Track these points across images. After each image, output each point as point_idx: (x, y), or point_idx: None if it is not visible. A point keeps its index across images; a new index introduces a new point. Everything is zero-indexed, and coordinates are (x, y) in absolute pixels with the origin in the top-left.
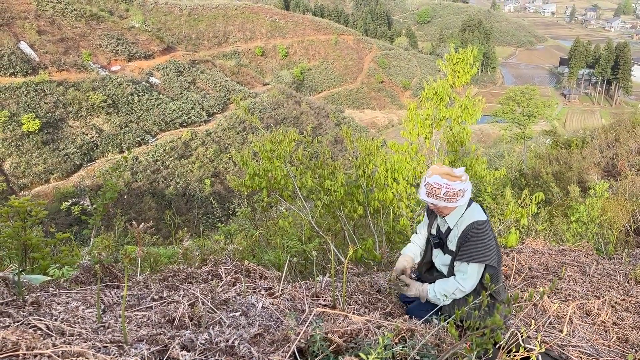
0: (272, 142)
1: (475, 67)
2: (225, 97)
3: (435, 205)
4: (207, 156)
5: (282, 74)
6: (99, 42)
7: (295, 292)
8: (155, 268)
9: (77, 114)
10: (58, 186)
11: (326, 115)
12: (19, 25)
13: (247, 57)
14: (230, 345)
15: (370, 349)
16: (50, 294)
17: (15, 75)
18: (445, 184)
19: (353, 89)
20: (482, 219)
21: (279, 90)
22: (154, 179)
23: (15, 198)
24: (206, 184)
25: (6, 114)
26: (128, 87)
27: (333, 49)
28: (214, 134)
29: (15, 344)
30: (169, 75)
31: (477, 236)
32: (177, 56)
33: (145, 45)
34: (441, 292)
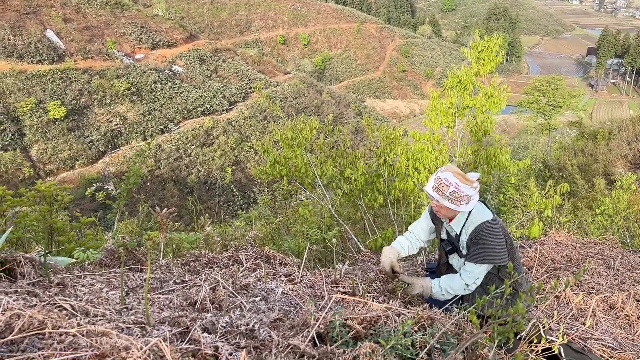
0: (293, 131)
1: (500, 55)
2: (246, 86)
3: (437, 203)
4: (228, 144)
5: (304, 63)
6: (123, 31)
7: (314, 279)
8: (177, 253)
9: (101, 101)
10: (83, 172)
11: (347, 104)
12: (46, 14)
13: (268, 46)
14: (251, 329)
15: (390, 336)
16: (75, 275)
17: (41, 63)
18: (455, 183)
19: (375, 78)
20: (488, 218)
21: (300, 79)
22: (176, 166)
23: (42, 183)
24: (227, 172)
25: (33, 101)
26: (151, 76)
27: (355, 38)
28: (235, 123)
29: (41, 323)
30: (192, 63)
31: (486, 237)
32: (199, 45)
33: (169, 34)
34: (446, 289)
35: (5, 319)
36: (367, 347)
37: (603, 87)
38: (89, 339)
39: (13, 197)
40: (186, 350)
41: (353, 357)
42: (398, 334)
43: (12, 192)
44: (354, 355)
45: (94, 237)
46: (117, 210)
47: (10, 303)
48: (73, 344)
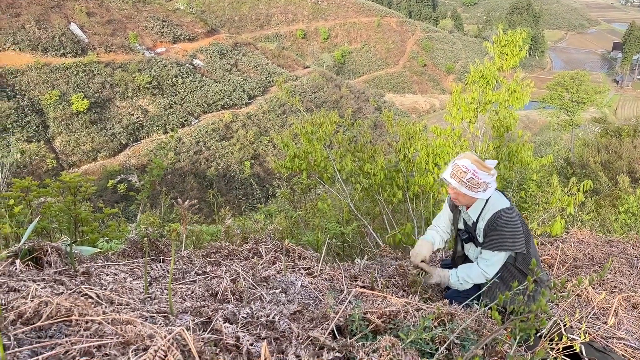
0: (312, 125)
1: (524, 50)
2: (266, 80)
3: (455, 190)
4: (247, 138)
5: (323, 57)
6: (145, 24)
7: (333, 273)
8: (198, 245)
9: (123, 94)
10: (105, 164)
11: (366, 99)
12: (70, 7)
13: (288, 40)
14: (271, 320)
15: (409, 330)
16: (99, 265)
17: (65, 56)
18: (473, 169)
19: (394, 73)
20: (505, 206)
21: (320, 73)
22: (196, 159)
23: (66, 174)
24: (246, 165)
25: (57, 94)
26: (172, 69)
27: (375, 32)
28: (254, 117)
29: (68, 310)
30: (212, 57)
31: (503, 225)
32: (220, 39)
33: (190, 28)
34: (464, 278)
35: (34, 305)
36: (387, 341)
37: (628, 83)
38: (114, 327)
39: (38, 188)
40: (208, 339)
41: (373, 351)
42: (418, 329)
43: (37, 182)
44: (373, 348)
45: (116, 228)
46: (140, 202)
47: (39, 291)
48: (99, 331)
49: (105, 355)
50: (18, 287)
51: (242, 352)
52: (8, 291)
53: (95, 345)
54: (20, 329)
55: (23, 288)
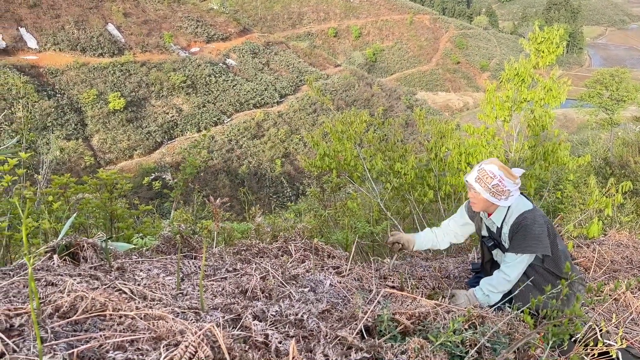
0: (343, 124)
1: (561, 47)
2: (297, 79)
3: (476, 194)
4: (278, 137)
5: (355, 55)
6: (179, 24)
7: (362, 272)
8: (229, 242)
9: (158, 93)
10: (140, 162)
11: (398, 97)
12: (107, 8)
13: (320, 39)
14: (300, 319)
15: (439, 332)
16: (133, 261)
17: (103, 56)
18: (500, 176)
19: (427, 71)
20: (528, 208)
21: (351, 71)
22: (228, 157)
23: (103, 171)
24: (277, 164)
25: (94, 93)
26: (206, 69)
27: (408, 29)
28: (285, 115)
29: (103, 305)
30: (245, 56)
31: (526, 227)
32: (252, 38)
33: (223, 27)
34: (489, 289)
35: (70, 300)
36: (416, 343)
37: None
38: (147, 322)
39: (76, 185)
40: (238, 336)
41: (401, 352)
42: (448, 331)
43: (75, 179)
44: (402, 349)
45: (151, 224)
46: (174, 199)
47: (75, 285)
48: (132, 326)
49: (137, 349)
50: (55, 281)
51: (271, 350)
52: (46, 285)
53: (128, 339)
54: (57, 322)
55: (60, 282)
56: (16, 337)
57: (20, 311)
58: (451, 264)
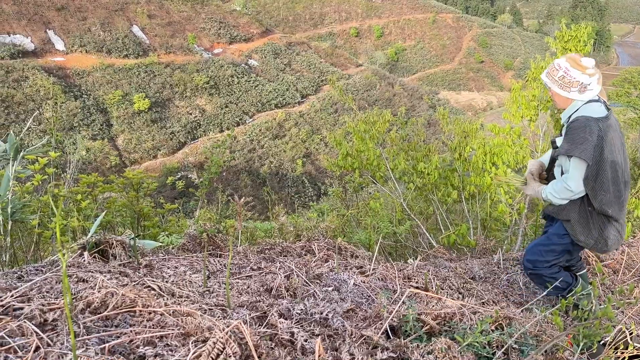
0: (366, 123)
1: (589, 45)
2: (318, 79)
3: (549, 89)
4: (299, 137)
5: (376, 55)
6: (202, 26)
7: (386, 272)
8: (252, 241)
9: (182, 94)
10: (165, 162)
11: (420, 97)
12: (132, 10)
13: (341, 38)
14: (324, 318)
15: (465, 333)
16: (160, 258)
17: (128, 57)
18: (565, 67)
19: (450, 70)
20: (591, 115)
21: (372, 71)
22: (250, 157)
23: (129, 171)
24: (298, 163)
25: (120, 94)
26: (229, 69)
27: (430, 28)
28: (306, 115)
29: (132, 301)
30: (267, 57)
31: (575, 128)
32: (274, 39)
33: (245, 28)
34: (551, 193)
35: (101, 296)
36: (443, 343)
37: None
38: (175, 318)
39: (104, 184)
40: (264, 334)
41: (427, 352)
42: (476, 332)
43: (102, 178)
44: (428, 350)
45: (176, 223)
46: (200, 198)
47: (105, 282)
48: (161, 322)
49: (166, 345)
50: (86, 277)
51: (297, 348)
52: (77, 281)
53: (157, 335)
54: (89, 317)
55: (91, 279)
56: (50, 332)
57: (53, 306)
58: (476, 265)
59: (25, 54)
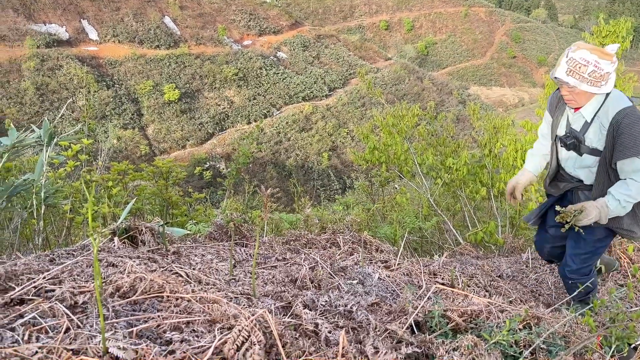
0: (394, 117)
1: (627, 41)
2: (346, 72)
3: (572, 89)
4: (326, 130)
5: (406, 49)
6: (233, 17)
7: (411, 267)
8: (278, 232)
9: (211, 85)
10: (193, 152)
11: (449, 92)
12: (164, 1)
13: (371, 32)
14: (349, 310)
15: (492, 331)
16: (188, 246)
17: (159, 48)
18: (594, 60)
19: (481, 65)
20: (628, 104)
21: (401, 65)
22: (276, 149)
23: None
24: (324, 157)
25: (151, 84)
26: (257, 62)
27: (462, 22)
28: (333, 109)
29: (160, 287)
30: (295, 50)
31: (634, 123)
32: (303, 31)
33: (275, 21)
34: (626, 199)
35: (130, 281)
36: (470, 340)
37: None
38: (202, 305)
39: (134, 172)
40: (288, 323)
41: (453, 349)
42: (504, 330)
43: (133, 167)
44: (454, 346)
45: (203, 212)
46: (227, 188)
47: (134, 267)
48: (188, 308)
49: (193, 331)
50: (116, 262)
51: (321, 339)
52: (107, 266)
53: (184, 321)
54: (118, 301)
55: (120, 264)
56: (80, 314)
57: (83, 289)
58: (504, 264)
59: (60, 43)
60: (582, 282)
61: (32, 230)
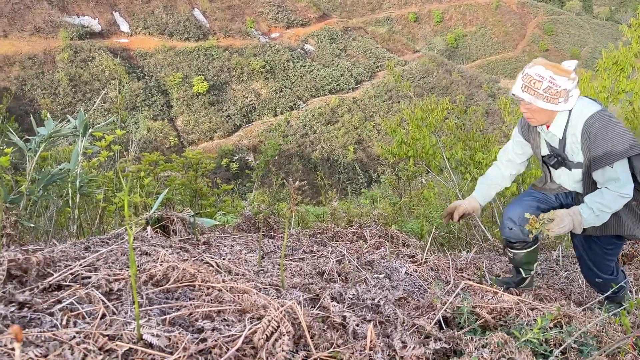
0: (423, 110)
1: None
2: (374, 65)
3: (529, 106)
4: (352, 123)
5: (435, 41)
6: (261, 10)
7: (439, 263)
8: (304, 225)
9: (239, 78)
10: (220, 144)
11: (479, 85)
12: None
13: (399, 24)
14: (376, 304)
15: (524, 329)
16: (217, 236)
17: (188, 40)
18: (549, 76)
19: (512, 58)
20: (595, 109)
21: (430, 58)
22: (302, 142)
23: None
24: (349, 150)
25: (180, 76)
26: (285, 54)
27: (493, 14)
28: (360, 102)
29: (192, 276)
30: (322, 42)
31: (602, 129)
32: (331, 23)
33: (303, 13)
34: (600, 208)
35: (163, 269)
36: (500, 337)
37: None
38: (232, 295)
39: (165, 163)
40: (317, 315)
41: (482, 345)
42: (535, 328)
43: (163, 157)
44: (483, 343)
45: (231, 203)
46: (255, 180)
47: (167, 256)
48: (218, 297)
49: (224, 320)
50: (149, 251)
51: (348, 332)
52: (141, 254)
53: (215, 310)
54: (151, 289)
55: (153, 252)
56: (115, 301)
57: (118, 277)
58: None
59: (93, 35)
60: (610, 281)
61: (67, 218)
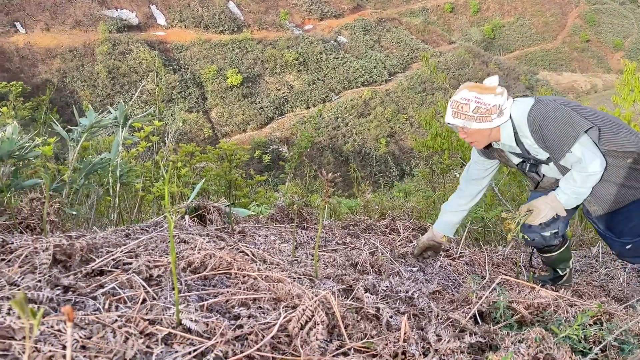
0: None
1: None
2: (408, 57)
3: (466, 130)
4: (384, 116)
5: (471, 32)
6: (295, 2)
7: (474, 257)
8: (336, 217)
9: (272, 70)
10: (253, 136)
11: (516, 77)
12: None
13: (435, 14)
14: (410, 297)
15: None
16: (252, 226)
17: (223, 33)
18: (474, 97)
19: (551, 49)
20: (529, 105)
21: (466, 49)
22: (334, 135)
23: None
24: (381, 143)
25: (215, 68)
26: (318, 46)
27: (532, 4)
28: (393, 94)
29: (229, 264)
30: (356, 34)
31: (544, 120)
32: (365, 14)
33: (336, 4)
34: (574, 191)
35: (201, 257)
36: (537, 333)
37: None
38: (267, 283)
39: (201, 154)
40: (350, 306)
41: (519, 340)
42: (574, 324)
43: (199, 148)
44: (519, 339)
45: (264, 194)
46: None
47: (204, 244)
48: (254, 285)
49: (259, 308)
50: (187, 239)
51: (382, 323)
52: (179, 242)
53: (251, 298)
54: (189, 276)
55: (191, 240)
56: (155, 286)
57: (158, 263)
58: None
59: (130, 28)
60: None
61: (107, 206)
